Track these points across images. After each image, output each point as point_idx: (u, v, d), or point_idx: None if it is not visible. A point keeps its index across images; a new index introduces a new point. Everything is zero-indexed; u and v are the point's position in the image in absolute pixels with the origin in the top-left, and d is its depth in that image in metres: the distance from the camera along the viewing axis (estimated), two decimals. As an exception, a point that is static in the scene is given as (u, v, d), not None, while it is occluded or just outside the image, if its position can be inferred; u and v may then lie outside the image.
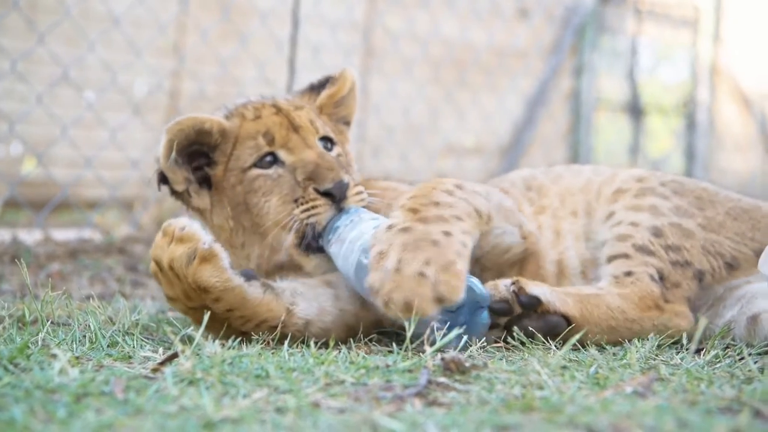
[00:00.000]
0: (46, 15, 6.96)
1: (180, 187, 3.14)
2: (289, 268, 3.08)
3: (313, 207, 2.95)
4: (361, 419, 1.90)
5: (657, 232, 3.08)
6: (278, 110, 3.16)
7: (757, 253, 3.12)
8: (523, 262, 3.19)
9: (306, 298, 2.91)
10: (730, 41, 13.58)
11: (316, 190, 2.96)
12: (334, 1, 8.79)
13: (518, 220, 3.14)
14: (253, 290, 2.80)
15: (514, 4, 10.61)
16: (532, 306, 2.87)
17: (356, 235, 2.84)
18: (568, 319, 2.88)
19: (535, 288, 2.90)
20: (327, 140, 3.19)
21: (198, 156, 3.14)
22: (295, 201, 2.98)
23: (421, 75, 9.43)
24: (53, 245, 5.28)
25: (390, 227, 2.71)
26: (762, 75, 13.64)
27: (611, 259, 3.08)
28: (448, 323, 2.62)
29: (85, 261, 5.02)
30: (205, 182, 3.16)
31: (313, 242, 2.97)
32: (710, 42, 13.22)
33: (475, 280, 2.76)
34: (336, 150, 3.20)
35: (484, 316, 2.78)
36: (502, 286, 2.90)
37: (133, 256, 5.25)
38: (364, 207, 3.02)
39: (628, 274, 3.01)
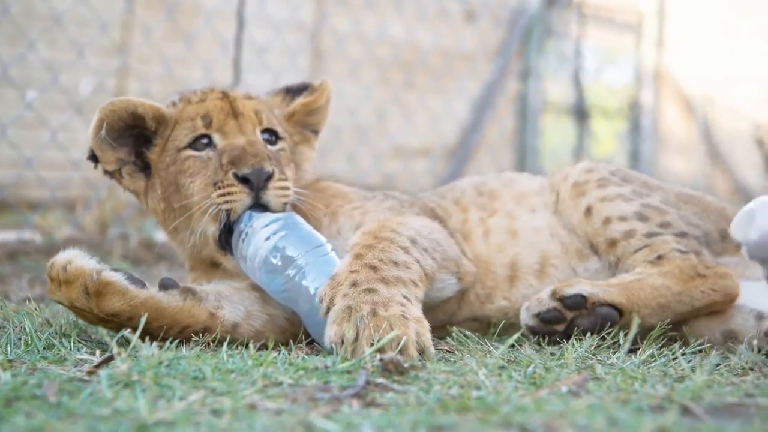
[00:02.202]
0: (-15, 13, 6.85)
1: (110, 167, 3.16)
2: (218, 266, 3.09)
3: (229, 193, 2.92)
4: (297, 421, 1.89)
5: (641, 217, 3.14)
6: (224, 96, 3.16)
7: (721, 234, 3.19)
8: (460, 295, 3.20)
9: (231, 302, 2.90)
10: (672, 45, 13.81)
11: (235, 175, 2.92)
12: (280, 2, 8.76)
13: (457, 262, 3.08)
14: (170, 298, 2.78)
15: (461, 6, 10.67)
16: (579, 304, 2.90)
17: (252, 253, 2.81)
18: (617, 308, 2.90)
19: (572, 288, 2.93)
20: (272, 133, 3.17)
21: (142, 139, 3.16)
22: (215, 184, 2.96)
23: (368, 76, 9.44)
24: (-8, 247, 5.19)
25: (354, 284, 2.65)
26: (704, 78, 13.87)
27: (635, 252, 3.11)
28: None
29: (25, 263, 4.95)
30: (146, 166, 3.17)
31: (225, 233, 2.95)
32: (653, 46, 13.44)
33: None
34: (280, 145, 3.18)
35: None
36: (545, 297, 2.94)
37: (74, 258, 5.18)
38: (292, 205, 3.02)
39: (659, 257, 3.04)
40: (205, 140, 3.07)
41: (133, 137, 3.16)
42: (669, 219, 3.16)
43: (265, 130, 3.15)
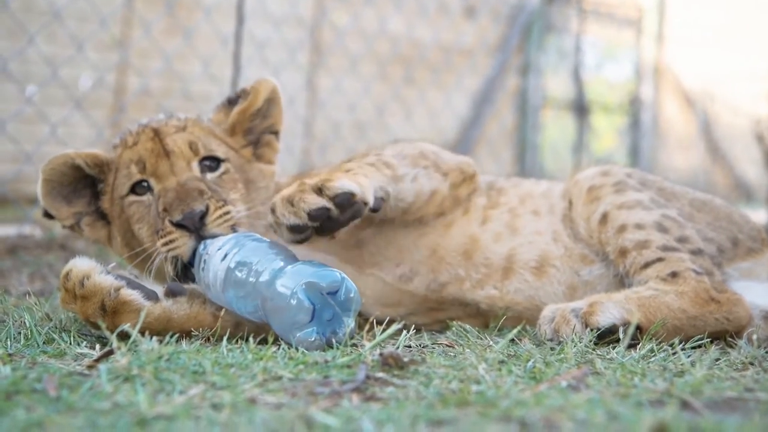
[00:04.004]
0: (-15, 7, 6.85)
1: (67, 222, 3.18)
2: None
3: (171, 240, 2.88)
4: (297, 415, 1.89)
5: (661, 228, 3.09)
6: (155, 135, 3.12)
7: (732, 242, 3.18)
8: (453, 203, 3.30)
9: None
10: (672, 40, 13.80)
11: (171, 222, 2.89)
12: (280, -3, 8.76)
13: (437, 162, 3.23)
14: (179, 307, 2.78)
15: (461, 2, 10.67)
16: (612, 332, 2.84)
17: (213, 278, 2.76)
18: (639, 328, 2.84)
19: (604, 317, 2.85)
20: (212, 159, 3.12)
21: (93, 187, 3.18)
22: (157, 233, 2.93)
23: (367, 72, 9.44)
24: (-8, 241, 5.19)
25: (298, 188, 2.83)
26: (704, 74, 13.88)
27: (646, 266, 3.03)
28: (314, 309, 2.59)
29: (24, 257, 4.95)
30: (105, 214, 3.19)
31: (182, 277, 2.91)
32: (653, 41, 13.43)
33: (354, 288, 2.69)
34: (222, 168, 3.12)
35: (351, 323, 2.66)
36: (579, 326, 2.85)
37: (74, 253, 5.18)
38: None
39: (674, 275, 2.98)
40: (144, 184, 3.06)
41: (91, 187, 3.18)
42: (687, 233, 3.09)
43: (204, 158, 3.11)
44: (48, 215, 3.17)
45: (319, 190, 2.76)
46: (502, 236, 3.26)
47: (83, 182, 3.17)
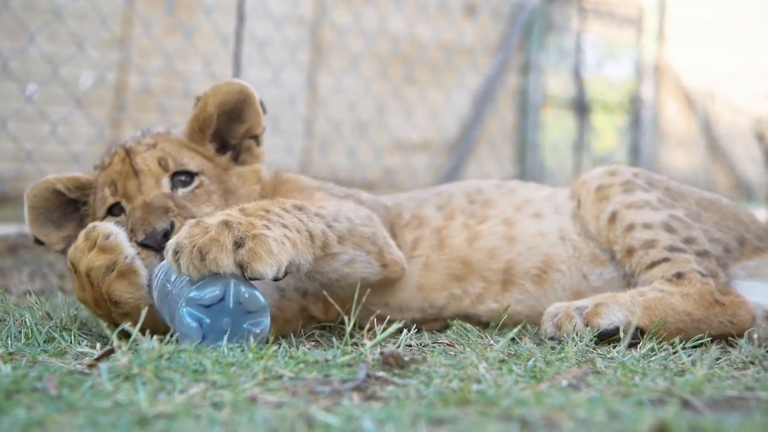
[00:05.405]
0: (-15, 6, 6.85)
1: (58, 247, 3.18)
2: None
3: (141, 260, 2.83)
4: (297, 414, 1.89)
5: (668, 228, 3.09)
6: (126, 155, 3.09)
7: (739, 241, 3.17)
8: (383, 285, 3.13)
9: None
10: (673, 39, 13.80)
11: (137, 242, 2.86)
12: (280, -4, 8.76)
13: (379, 247, 3.01)
14: None
15: (461, 1, 10.66)
16: (613, 333, 2.84)
17: (157, 300, 2.73)
18: (640, 330, 2.84)
19: (607, 319, 2.85)
20: (184, 174, 3.08)
21: (80, 209, 3.20)
22: None
23: (368, 70, 9.44)
24: (-8, 240, 5.19)
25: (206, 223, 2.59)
26: (705, 73, 13.88)
27: (652, 265, 3.04)
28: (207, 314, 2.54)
29: (25, 256, 4.95)
30: None
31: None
32: (654, 40, 13.43)
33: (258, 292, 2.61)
34: (196, 182, 3.07)
35: (262, 323, 2.59)
36: (581, 326, 2.85)
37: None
38: None
39: (679, 276, 2.98)
40: (120, 205, 3.05)
41: (79, 209, 3.19)
42: (694, 234, 3.09)
43: (176, 173, 3.07)
44: (38, 241, 3.18)
45: (237, 245, 2.51)
46: (497, 250, 3.23)
47: (71, 206, 3.19)
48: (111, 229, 2.76)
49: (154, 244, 2.84)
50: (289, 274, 2.62)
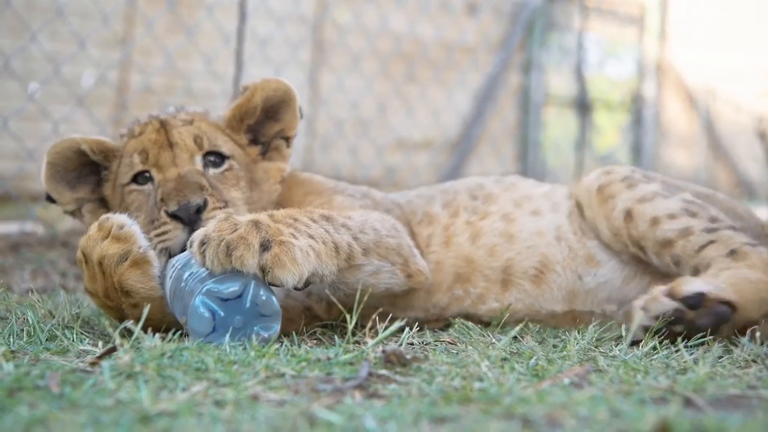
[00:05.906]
0: (-13, 5, 6.85)
1: (69, 207, 3.20)
2: None
3: (164, 231, 2.87)
4: (299, 412, 1.89)
5: (690, 213, 3.06)
6: (161, 126, 3.11)
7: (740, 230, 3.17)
8: (408, 294, 3.13)
9: None
10: (675, 38, 13.79)
11: (167, 213, 2.88)
12: (282, -6, 8.77)
13: (404, 257, 2.98)
14: None
15: (463, -1, 10.65)
16: (699, 303, 2.76)
17: (169, 293, 2.73)
18: (730, 304, 2.78)
19: (690, 287, 2.78)
20: (217, 155, 3.11)
21: (98, 174, 3.19)
22: (152, 222, 2.93)
23: (369, 69, 9.44)
24: (-6, 239, 5.19)
25: (236, 225, 2.57)
26: (707, 71, 13.87)
27: (701, 248, 3.00)
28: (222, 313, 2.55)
29: (27, 254, 4.95)
30: (107, 202, 3.19)
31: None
32: (655, 39, 13.42)
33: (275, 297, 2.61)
34: (226, 165, 3.10)
35: (272, 328, 2.60)
36: (664, 299, 2.78)
37: (76, 250, 5.18)
38: None
39: (732, 252, 2.95)
40: (146, 174, 3.06)
41: (95, 174, 3.19)
42: (713, 213, 3.08)
43: (208, 153, 3.09)
44: (50, 199, 3.18)
45: (264, 248, 2.52)
46: (497, 248, 3.24)
47: (88, 168, 3.18)
48: (125, 220, 2.77)
49: (185, 217, 2.86)
50: (312, 284, 2.62)
